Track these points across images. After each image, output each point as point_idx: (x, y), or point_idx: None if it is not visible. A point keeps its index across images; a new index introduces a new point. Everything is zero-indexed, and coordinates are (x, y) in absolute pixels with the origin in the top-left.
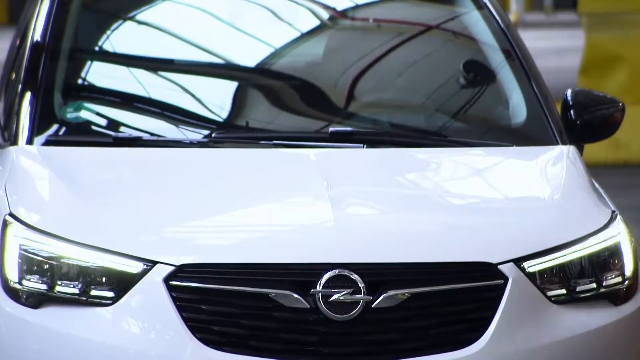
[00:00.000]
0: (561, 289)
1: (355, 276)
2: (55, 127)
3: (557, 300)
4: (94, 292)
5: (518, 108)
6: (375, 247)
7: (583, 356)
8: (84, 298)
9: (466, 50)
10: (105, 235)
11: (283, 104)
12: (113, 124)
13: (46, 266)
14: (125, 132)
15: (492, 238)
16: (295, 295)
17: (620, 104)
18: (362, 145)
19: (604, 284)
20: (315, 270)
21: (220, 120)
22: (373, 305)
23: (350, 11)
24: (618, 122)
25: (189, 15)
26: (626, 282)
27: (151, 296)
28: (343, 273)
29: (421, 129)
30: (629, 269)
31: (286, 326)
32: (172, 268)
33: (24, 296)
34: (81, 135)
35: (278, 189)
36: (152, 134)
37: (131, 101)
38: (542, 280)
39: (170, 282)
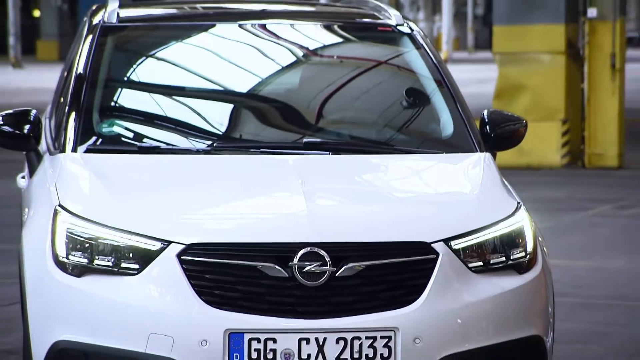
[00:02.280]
0: (479, 261)
1: (323, 252)
2: (93, 139)
3: (476, 270)
4: (123, 265)
5: (447, 124)
6: (339, 230)
7: (496, 312)
8: (116, 269)
9: (407, 80)
10: (132, 221)
11: (268, 121)
12: (137, 137)
13: (87, 245)
14: (147, 142)
15: (427, 223)
16: (277, 267)
17: (524, 121)
18: (328, 152)
19: (511, 257)
20: (292, 248)
21: (220, 133)
22: (336, 275)
23: (319, 50)
24: (522, 135)
25: (196, 53)
26: (528, 256)
27: (167, 268)
28: (314, 250)
29: (373, 140)
30: (530, 246)
31: (270, 291)
32: (183, 246)
33: (70, 268)
34: (113, 145)
35: (264, 186)
36: (167, 144)
37: (151, 119)
38: (464, 255)
39: (182, 257)
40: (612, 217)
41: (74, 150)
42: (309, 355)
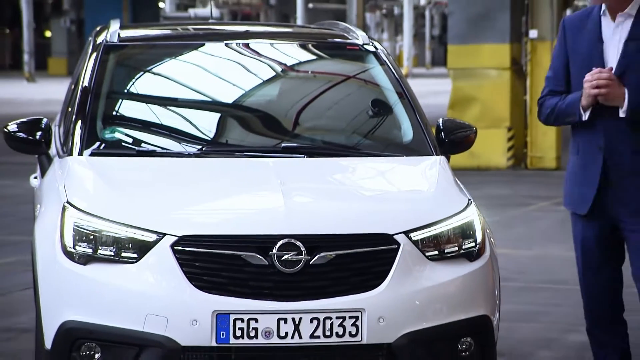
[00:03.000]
0: (435, 250)
1: (298, 243)
2: (97, 143)
3: (432, 258)
4: (123, 254)
5: (407, 131)
6: (313, 223)
7: (450, 295)
8: (117, 258)
9: (373, 92)
10: (131, 215)
11: (251, 128)
12: (136, 142)
13: (91, 237)
14: (144, 147)
15: (389, 217)
16: (259, 256)
17: (474, 129)
18: (304, 155)
19: (463, 247)
20: (272, 239)
21: (209, 138)
22: (311, 263)
23: (296, 66)
24: (472, 140)
25: (188, 68)
26: (477, 246)
27: (162, 257)
28: (291, 241)
29: (343, 144)
30: (479, 238)
31: (252, 277)
32: (176, 238)
33: (76, 257)
34: (114, 149)
35: (247, 185)
36: (162, 148)
37: (148, 126)
38: (422, 245)
39: (175, 248)
40: (550, 212)
41: (80, 153)
42: (286, 333)
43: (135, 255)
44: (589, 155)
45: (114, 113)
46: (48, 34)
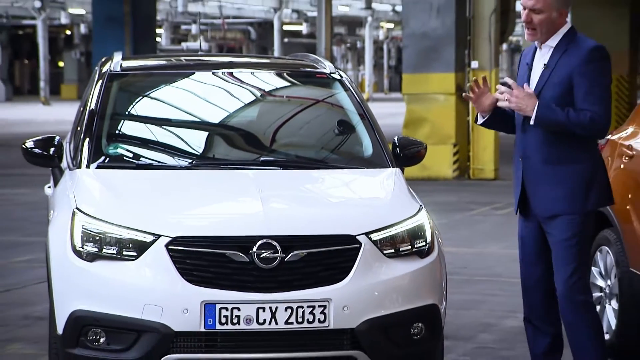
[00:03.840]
0: (391, 249)
1: (275, 243)
2: (102, 158)
3: (389, 256)
4: (124, 253)
5: (367, 147)
6: (287, 226)
7: (404, 287)
8: (119, 256)
9: (338, 114)
10: (131, 219)
11: (234, 144)
12: (135, 156)
13: (97, 238)
14: (142, 161)
15: (352, 220)
16: (241, 254)
17: (425, 145)
18: (279, 168)
19: (415, 246)
20: (252, 239)
21: (198, 153)
22: (285, 259)
23: (272, 91)
24: (423, 155)
25: (181, 93)
26: (427, 245)
27: (157, 255)
28: (268, 241)
29: (313, 158)
30: (429, 238)
31: (235, 272)
32: (170, 238)
33: (84, 255)
34: (117, 163)
35: (231, 193)
36: (158, 162)
37: (146, 143)
38: (380, 244)
39: (169, 247)
40: (489, 216)
41: (88, 166)
42: (264, 320)
43: (134, 254)
44: (516, 164)
45: (117, 132)
46: (61, 64)
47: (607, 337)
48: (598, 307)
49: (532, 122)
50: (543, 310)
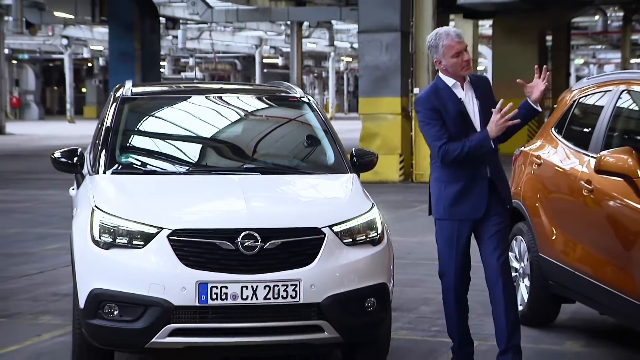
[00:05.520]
0: (349, 238)
1: (256, 234)
2: (116, 165)
3: (348, 244)
4: (134, 242)
5: (330, 156)
6: (266, 220)
7: (359, 269)
8: (129, 245)
9: (307, 129)
10: (139, 215)
11: (222, 154)
12: (143, 164)
13: (112, 230)
14: (149, 168)
15: (318, 216)
16: (228, 243)
17: (377, 155)
18: (259, 173)
19: (369, 236)
20: (237, 231)
21: (194, 162)
22: (264, 248)
23: (253, 111)
24: (375, 163)
25: (180, 113)
26: (378, 235)
27: (161, 244)
28: (250, 232)
29: (286, 166)
30: (380, 229)
31: (223, 257)
32: (170, 230)
33: (101, 244)
34: (128, 169)
35: (220, 194)
36: (161, 169)
37: (151, 154)
38: (341, 235)
39: (170, 237)
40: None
41: (104, 172)
42: (247, 296)
43: (142, 243)
44: (477, 177)
45: (128, 144)
46: (84, 90)
47: (520, 308)
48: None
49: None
50: (461, 291)
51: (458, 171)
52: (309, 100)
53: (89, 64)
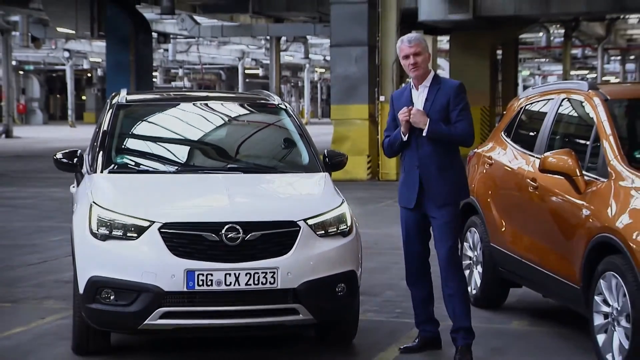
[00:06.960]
0: (322, 230)
1: (238, 227)
2: (112, 165)
3: (320, 236)
4: (128, 234)
5: (305, 157)
6: (247, 214)
7: (331, 257)
8: (124, 237)
9: (285, 133)
10: (133, 209)
11: (208, 155)
12: (136, 164)
13: (108, 223)
14: (141, 167)
15: (294, 210)
16: (213, 235)
17: (347, 156)
18: (241, 172)
19: (339, 228)
20: (221, 224)
21: (182, 162)
22: (246, 239)
23: (236, 117)
24: (345, 163)
25: (170, 118)
26: (348, 228)
27: (152, 236)
28: (233, 225)
29: (266, 165)
30: (349, 222)
31: (209, 248)
32: (161, 223)
33: (98, 236)
34: (123, 169)
35: (206, 190)
36: (153, 168)
37: (144, 155)
38: (314, 227)
39: (161, 230)
40: (392, 207)
41: (101, 172)
42: (230, 282)
43: (135, 235)
44: (410, 172)
45: (123, 146)
46: (84, 97)
47: (474, 292)
48: (468, 272)
49: (424, 134)
50: (421, 274)
51: (404, 163)
52: (286, 107)
53: (89, 74)
